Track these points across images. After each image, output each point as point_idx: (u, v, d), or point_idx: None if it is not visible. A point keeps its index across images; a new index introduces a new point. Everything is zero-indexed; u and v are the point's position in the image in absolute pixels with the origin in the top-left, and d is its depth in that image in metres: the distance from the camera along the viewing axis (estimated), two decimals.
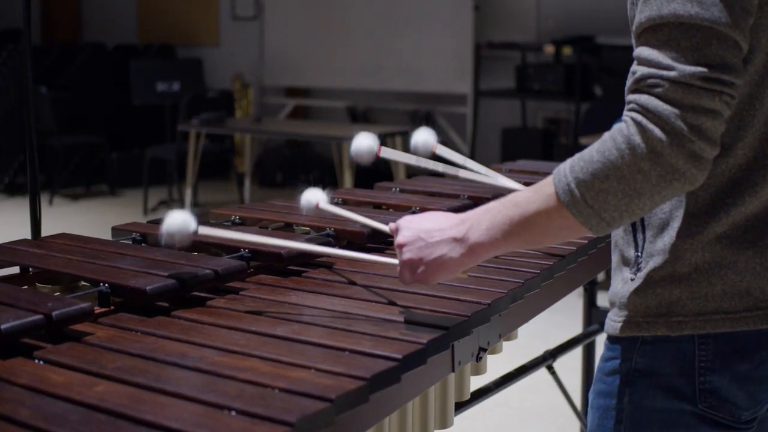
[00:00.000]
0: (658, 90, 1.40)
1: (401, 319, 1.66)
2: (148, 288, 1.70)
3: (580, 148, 1.52)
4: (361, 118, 10.33)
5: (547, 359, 3.12)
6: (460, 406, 2.36)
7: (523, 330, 2.14)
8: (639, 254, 1.62)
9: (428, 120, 9.77)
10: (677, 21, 1.40)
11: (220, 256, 2.02)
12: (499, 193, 2.67)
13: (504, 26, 9.39)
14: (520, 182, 2.91)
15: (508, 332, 2.02)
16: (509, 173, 3.18)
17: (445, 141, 9.58)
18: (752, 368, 1.59)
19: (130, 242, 2.17)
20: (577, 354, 3.60)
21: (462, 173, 2.50)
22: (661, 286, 1.59)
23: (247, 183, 8.92)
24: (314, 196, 2.03)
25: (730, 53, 1.40)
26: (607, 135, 1.44)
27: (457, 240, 1.56)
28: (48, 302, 1.60)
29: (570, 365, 3.80)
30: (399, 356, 1.46)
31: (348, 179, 7.30)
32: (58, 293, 1.85)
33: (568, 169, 1.46)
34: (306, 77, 10.57)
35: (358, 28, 10.03)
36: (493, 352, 2.28)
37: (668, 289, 1.58)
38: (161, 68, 9.35)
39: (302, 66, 10.48)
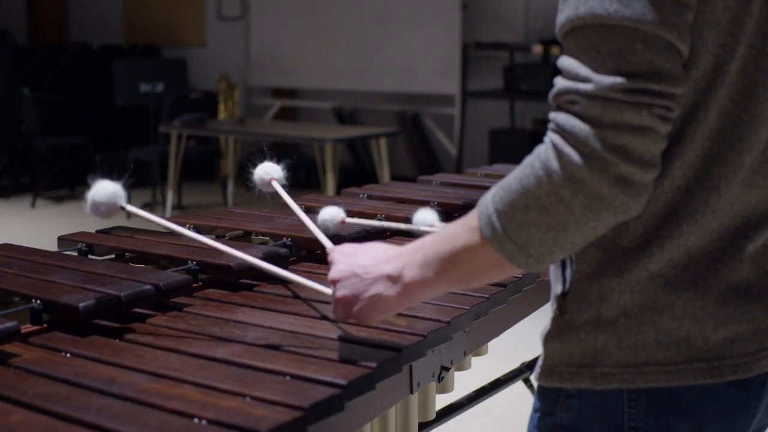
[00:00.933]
0: (576, 107, 1.22)
1: (352, 339, 1.55)
2: (81, 305, 1.59)
3: None
4: (348, 119, 10.22)
5: (524, 372, 3.01)
6: (426, 426, 2.24)
7: (505, 336, 2.03)
8: (565, 292, 1.39)
9: (415, 121, 9.67)
10: (596, 22, 1.21)
11: (166, 268, 1.90)
12: (472, 199, 2.57)
13: (492, 26, 9.29)
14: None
15: (474, 349, 1.92)
16: (485, 178, 3.07)
17: (432, 142, 9.54)
18: (693, 430, 1.37)
19: (76, 253, 2.06)
20: None
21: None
22: (585, 331, 1.37)
23: (231, 185, 8.80)
24: (269, 171, 1.88)
25: (661, 57, 1.21)
26: (527, 159, 1.27)
27: (392, 278, 1.40)
28: None
29: None
30: (343, 382, 1.35)
31: (331, 181, 7.19)
32: None
33: (490, 198, 1.29)
34: (292, 78, 10.46)
35: (345, 29, 9.92)
36: (460, 369, 2.18)
37: (593, 335, 1.36)
38: (145, 69, 9.23)
39: (289, 66, 10.37)
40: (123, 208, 1.63)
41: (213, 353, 1.46)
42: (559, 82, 1.26)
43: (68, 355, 1.48)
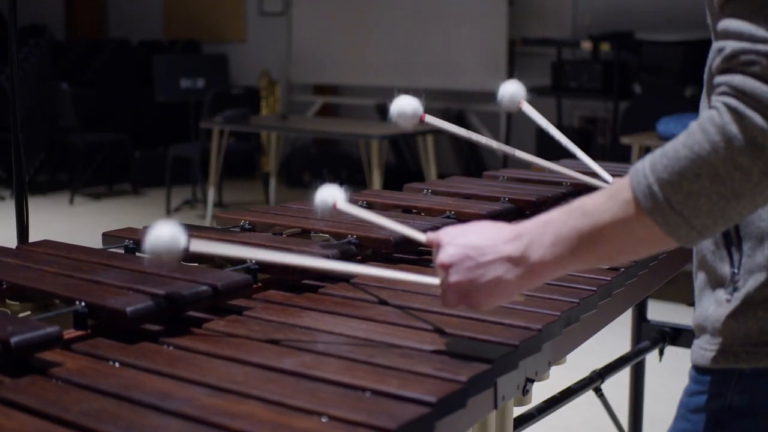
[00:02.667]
0: (755, 68, 1.14)
1: (435, 348, 1.37)
2: (128, 309, 1.41)
3: (619, 148, 1.23)
4: None
5: (594, 381, 2.82)
6: None
7: None
8: (736, 271, 1.35)
9: (460, 118, 9.49)
10: None
11: (223, 267, 1.73)
12: (545, 195, 2.39)
13: (539, 21, 9.09)
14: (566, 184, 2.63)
15: (559, 359, 1.74)
16: (555, 174, 2.88)
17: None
18: None
19: (122, 251, 1.89)
20: (624, 370, 3.29)
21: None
22: (763, 309, 1.32)
23: (273, 183, 8.66)
24: (330, 195, 1.72)
25: None
26: (694, 125, 1.18)
27: (513, 259, 1.27)
28: (8, 326, 1.32)
29: (614, 379, 3.50)
30: (433, 400, 1.17)
31: (377, 179, 7.02)
32: (29, 312, 1.57)
33: (648, 168, 1.19)
34: (334, 74, 10.31)
35: (388, 24, 9.76)
36: (539, 379, 2.00)
37: None
38: (185, 64, 9.10)
39: (330, 63, 10.22)
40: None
41: (280, 364, 1.29)
42: (731, 44, 1.17)
43: (117, 364, 1.31)
